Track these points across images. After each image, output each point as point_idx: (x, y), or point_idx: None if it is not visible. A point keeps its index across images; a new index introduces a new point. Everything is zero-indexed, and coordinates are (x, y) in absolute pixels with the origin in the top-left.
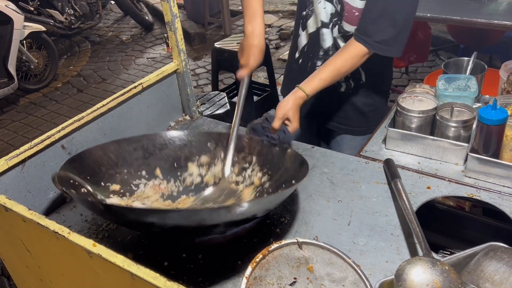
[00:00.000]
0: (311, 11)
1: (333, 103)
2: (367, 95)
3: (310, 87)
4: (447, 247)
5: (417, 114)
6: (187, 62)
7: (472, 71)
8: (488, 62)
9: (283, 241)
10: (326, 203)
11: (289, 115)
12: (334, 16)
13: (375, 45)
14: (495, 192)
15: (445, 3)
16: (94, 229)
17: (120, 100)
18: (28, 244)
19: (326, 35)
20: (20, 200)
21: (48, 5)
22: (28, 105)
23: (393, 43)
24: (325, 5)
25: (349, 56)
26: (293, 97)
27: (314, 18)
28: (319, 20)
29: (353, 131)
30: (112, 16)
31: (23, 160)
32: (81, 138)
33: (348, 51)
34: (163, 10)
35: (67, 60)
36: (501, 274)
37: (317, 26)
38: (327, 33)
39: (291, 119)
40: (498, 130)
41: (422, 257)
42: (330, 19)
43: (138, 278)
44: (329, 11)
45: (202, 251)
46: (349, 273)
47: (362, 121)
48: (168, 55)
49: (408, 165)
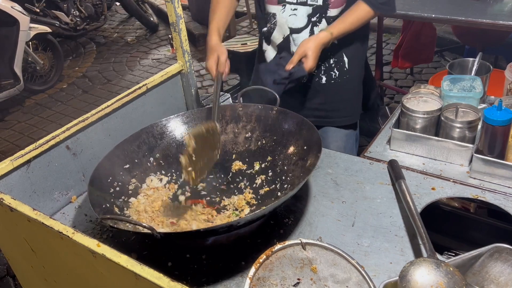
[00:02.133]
0: (274, 24)
1: (315, 98)
2: (351, 81)
3: (334, 28)
4: (452, 249)
5: (422, 114)
6: (191, 63)
7: (477, 72)
8: (493, 63)
9: (287, 241)
10: (330, 204)
11: (308, 53)
12: (313, 14)
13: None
14: (500, 193)
15: (450, 3)
16: (99, 229)
17: (125, 101)
18: (33, 244)
19: (298, 40)
20: (25, 200)
21: (53, 7)
22: (33, 106)
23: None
24: (294, 11)
25: (362, 11)
26: (316, 37)
27: (279, 29)
28: (286, 28)
29: (336, 122)
30: (117, 17)
31: (28, 160)
32: (85, 139)
33: (360, 8)
34: (168, 11)
35: (73, 61)
36: (506, 275)
37: (284, 35)
38: (298, 37)
39: (309, 57)
40: (504, 130)
41: (427, 258)
42: (307, 21)
43: (142, 278)
44: (303, 14)
45: (206, 252)
46: (353, 274)
47: (346, 110)
48: (173, 56)
49: (412, 166)
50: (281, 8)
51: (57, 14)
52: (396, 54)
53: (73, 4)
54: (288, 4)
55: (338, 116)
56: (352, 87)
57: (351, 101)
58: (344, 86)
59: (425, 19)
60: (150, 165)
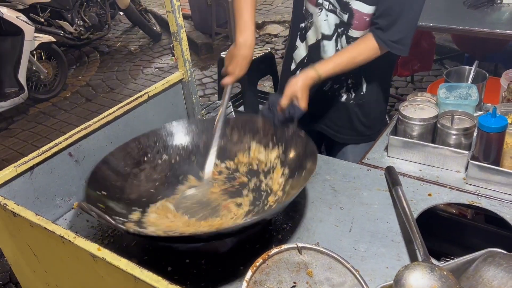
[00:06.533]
0: (311, 24)
1: (335, 113)
2: (368, 105)
3: (323, 69)
4: (450, 254)
5: (418, 122)
6: (192, 71)
7: (474, 79)
8: (493, 71)
9: (283, 245)
10: (328, 210)
11: (298, 95)
12: (339, 26)
13: (391, 44)
14: (496, 199)
15: (448, 12)
16: (100, 235)
17: (127, 109)
18: (35, 249)
19: (327, 46)
20: (28, 206)
21: (58, 17)
22: (37, 114)
23: (407, 42)
24: (327, 17)
25: (366, 48)
26: (303, 77)
27: (314, 30)
28: (319, 32)
29: (355, 139)
30: (121, 26)
31: (31, 167)
32: (88, 146)
33: (365, 44)
34: (169, 21)
35: (76, 70)
36: (499, 279)
37: (317, 38)
38: (328, 44)
39: (299, 98)
40: (498, 137)
41: (421, 262)
42: (333, 30)
43: (141, 282)
44: (332, 22)
45: (205, 257)
46: (348, 278)
47: (363, 130)
48: (175, 65)
49: (409, 173)
50: (318, 11)
51: (62, 23)
52: None
53: (77, 14)
54: (324, 9)
55: (355, 134)
56: (369, 112)
57: (368, 123)
58: (361, 109)
59: (423, 28)
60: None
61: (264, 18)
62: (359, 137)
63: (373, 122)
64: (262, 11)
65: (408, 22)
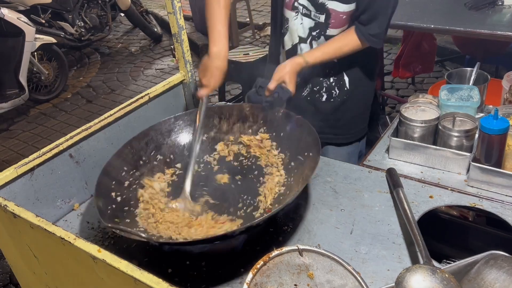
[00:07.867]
0: (286, 29)
1: (316, 114)
2: (352, 100)
3: (311, 56)
4: (451, 257)
5: (420, 123)
6: (193, 73)
7: (476, 81)
8: (494, 73)
9: (284, 248)
10: (329, 212)
11: (285, 79)
12: (314, 29)
13: (369, 38)
14: (497, 202)
15: (449, 14)
16: (100, 237)
17: (127, 110)
18: (35, 250)
19: (305, 50)
20: (28, 207)
21: (59, 18)
22: (38, 116)
23: (383, 36)
24: (302, 20)
25: (351, 40)
26: (291, 62)
27: (289, 35)
28: (295, 36)
29: (336, 139)
30: (122, 28)
31: (32, 168)
32: (88, 147)
33: (351, 36)
34: (170, 22)
35: (77, 71)
36: (501, 282)
37: (293, 43)
38: (305, 48)
39: (287, 83)
40: (500, 139)
41: (422, 265)
42: (308, 34)
43: (141, 283)
44: (306, 26)
45: (206, 259)
46: (349, 280)
47: (344, 129)
48: (176, 66)
49: (411, 174)
50: (294, 14)
51: (62, 25)
52: (397, 64)
53: (78, 15)
54: (299, 13)
55: (338, 133)
56: (354, 107)
57: (353, 120)
58: (345, 105)
59: (424, 29)
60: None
61: (265, 19)
62: (340, 136)
63: (356, 119)
64: (262, 12)
65: (387, 18)
